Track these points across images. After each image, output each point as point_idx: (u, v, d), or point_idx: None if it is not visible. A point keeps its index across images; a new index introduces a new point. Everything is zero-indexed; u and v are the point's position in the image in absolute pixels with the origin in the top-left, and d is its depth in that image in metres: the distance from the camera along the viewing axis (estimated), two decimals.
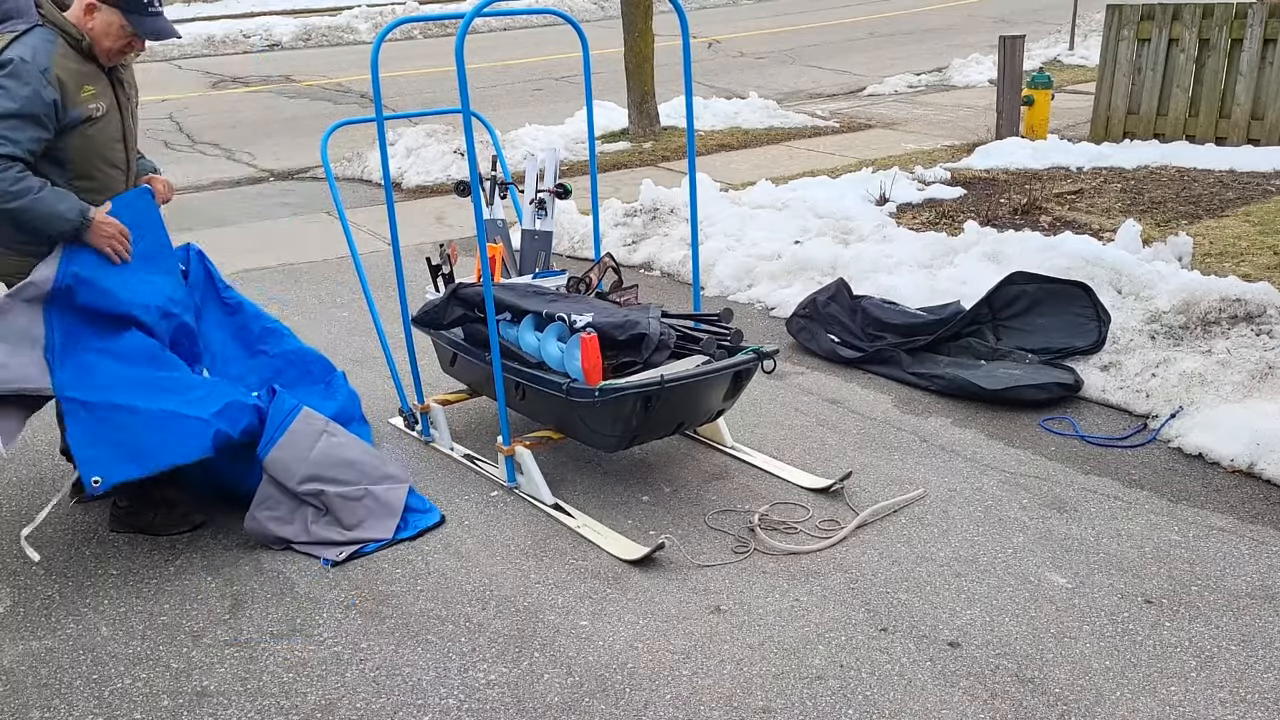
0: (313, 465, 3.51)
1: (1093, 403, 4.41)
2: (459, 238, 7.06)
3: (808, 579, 3.25)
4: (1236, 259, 5.79)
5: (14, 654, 3.03)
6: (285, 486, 3.50)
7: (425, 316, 4.05)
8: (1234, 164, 7.92)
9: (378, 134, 4.09)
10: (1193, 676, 2.77)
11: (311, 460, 3.51)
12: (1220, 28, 8.37)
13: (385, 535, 3.55)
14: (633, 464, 4.03)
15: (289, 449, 3.48)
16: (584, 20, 19.67)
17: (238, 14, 22.30)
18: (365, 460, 3.65)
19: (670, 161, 9.44)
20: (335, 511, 3.53)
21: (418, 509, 3.70)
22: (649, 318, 3.65)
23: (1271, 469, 3.72)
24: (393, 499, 3.63)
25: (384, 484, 3.63)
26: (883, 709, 2.69)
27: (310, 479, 3.50)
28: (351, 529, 3.54)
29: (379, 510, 3.59)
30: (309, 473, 3.50)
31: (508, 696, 2.78)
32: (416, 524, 3.63)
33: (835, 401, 4.56)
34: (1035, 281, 4.85)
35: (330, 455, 3.56)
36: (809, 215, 6.61)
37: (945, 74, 13.94)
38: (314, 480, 3.51)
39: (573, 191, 4.62)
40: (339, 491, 3.53)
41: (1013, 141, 8.81)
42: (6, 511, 3.82)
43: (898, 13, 20.68)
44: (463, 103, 3.44)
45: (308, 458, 3.51)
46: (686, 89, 4.06)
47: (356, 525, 3.54)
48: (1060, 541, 3.41)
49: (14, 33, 3.20)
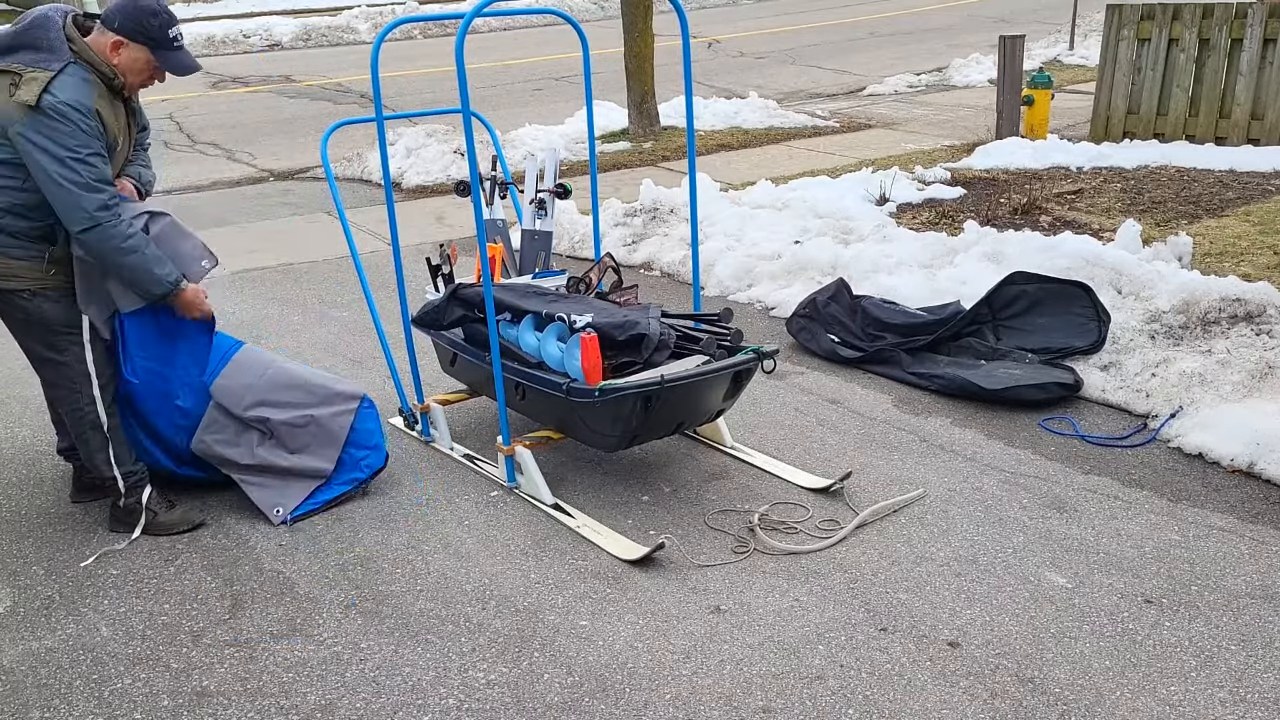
0: (259, 391, 3.66)
1: (1093, 403, 4.41)
2: (459, 238, 7.06)
3: (808, 579, 3.25)
4: (1236, 259, 5.79)
5: (14, 654, 3.03)
6: (232, 413, 3.65)
7: (425, 317, 4.05)
8: (1234, 164, 7.92)
9: (378, 134, 4.09)
10: (1193, 676, 2.77)
11: (258, 387, 3.66)
12: (1220, 27, 8.37)
13: (327, 466, 3.73)
14: (633, 464, 4.03)
15: (234, 377, 3.65)
16: (584, 20, 19.67)
17: (238, 14, 22.30)
18: (314, 381, 3.79)
19: (670, 161, 9.44)
20: (280, 437, 3.69)
21: (363, 444, 3.81)
22: (649, 318, 3.65)
23: (1271, 469, 3.72)
24: (335, 427, 3.76)
25: (331, 406, 3.76)
26: (883, 709, 2.69)
27: (257, 404, 3.66)
28: (295, 453, 3.70)
29: (322, 437, 3.74)
30: (255, 399, 3.66)
31: (508, 696, 2.78)
32: (362, 465, 3.80)
33: (835, 401, 4.56)
34: (1035, 281, 4.85)
35: (277, 380, 3.71)
36: (809, 215, 6.61)
37: (945, 74, 13.94)
38: (260, 405, 3.66)
39: (573, 191, 4.62)
40: (284, 418, 3.69)
41: (1013, 141, 8.81)
42: (6, 511, 3.82)
43: (898, 13, 20.68)
44: (463, 103, 3.44)
45: (254, 384, 3.66)
46: (686, 89, 4.06)
47: (300, 450, 3.71)
48: (1060, 541, 3.41)
49: (48, 70, 3.17)
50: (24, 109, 3.12)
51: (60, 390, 3.51)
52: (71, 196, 3.17)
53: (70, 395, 3.49)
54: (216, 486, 3.88)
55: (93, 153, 3.20)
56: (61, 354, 3.45)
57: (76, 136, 3.16)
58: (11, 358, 5.31)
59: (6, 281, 3.37)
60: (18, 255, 3.35)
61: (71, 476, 3.88)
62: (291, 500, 3.70)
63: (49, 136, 3.14)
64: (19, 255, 3.35)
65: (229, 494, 3.85)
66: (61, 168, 3.15)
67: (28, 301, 3.40)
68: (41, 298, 3.40)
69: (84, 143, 3.17)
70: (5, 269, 3.36)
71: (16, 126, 3.15)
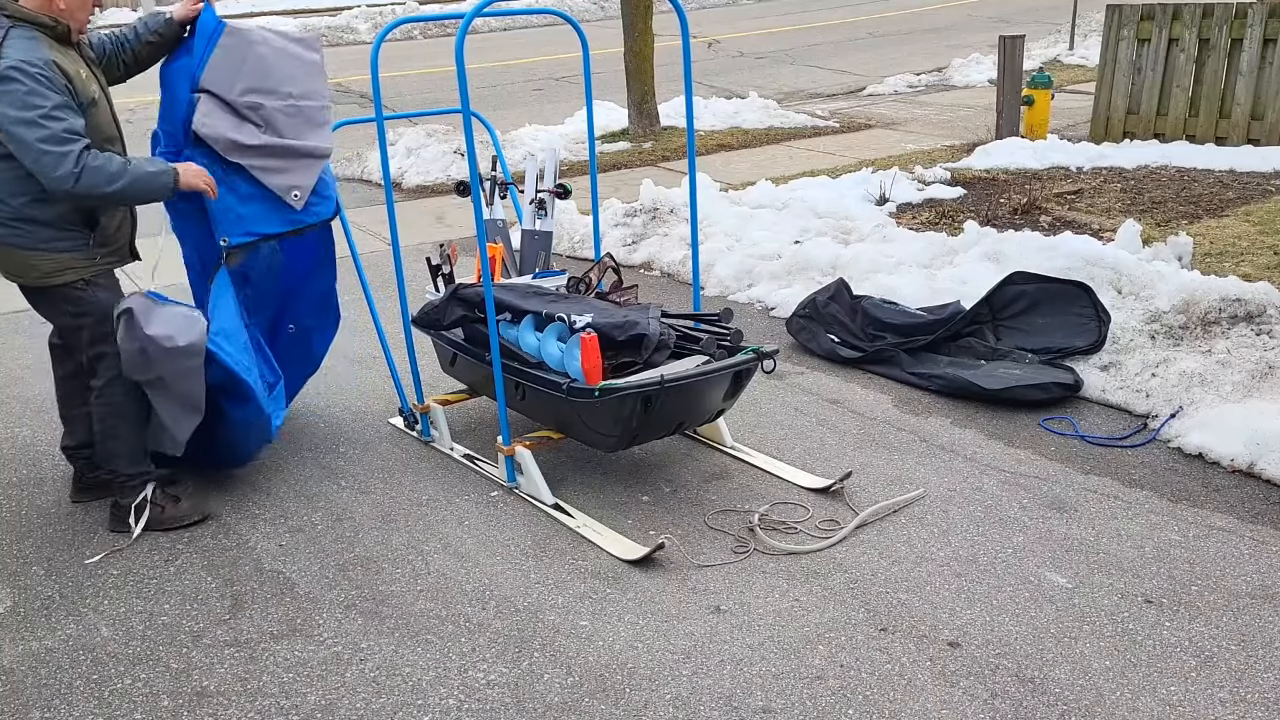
0: (248, 78, 3.67)
1: (1093, 403, 4.41)
2: (459, 238, 7.06)
3: (808, 579, 3.25)
4: (1236, 259, 5.79)
5: (14, 654, 3.03)
6: (225, 100, 3.65)
7: (425, 318, 4.05)
8: (1234, 164, 7.92)
9: (378, 134, 4.09)
10: (1193, 676, 2.77)
11: (246, 72, 3.67)
12: (1220, 28, 8.37)
13: (326, 145, 3.86)
14: (633, 464, 4.03)
15: (221, 66, 3.64)
16: (584, 20, 19.67)
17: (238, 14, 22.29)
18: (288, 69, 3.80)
19: (670, 161, 9.44)
20: (274, 124, 3.73)
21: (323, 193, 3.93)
22: (649, 318, 3.65)
23: (1271, 469, 3.72)
24: (319, 118, 3.85)
25: (311, 100, 3.83)
26: (883, 709, 2.69)
27: (249, 91, 3.67)
28: (295, 139, 3.78)
29: (311, 123, 3.82)
30: (246, 85, 3.66)
31: (508, 696, 2.78)
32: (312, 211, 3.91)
33: (835, 401, 4.56)
34: (1035, 281, 4.85)
35: (258, 67, 3.70)
36: (809, 215, 6.61)
37: (945, 74, 13.94)
38: (252, 93, 3.67)
39: (573, 191, 4.62)
40: (277, 105, 3.72)
41: (1013, 141, 8.81)
42: (6, 512, 3.82)
43: (898, 13, 20.69)
44: (463, 103, 3.44)
45: (240, 70, 3.66)
46: (686, 89, 4.06)
47: (297, 137, 3.79)
48: (1060, 541, 3.41)
49: None
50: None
51: (114, 386, 3.48)
52: (50, 157, 3.12)
53: (113, 389, 3.48)
54: (217, 486, 3.88)
55: (57, 105, 3.15)
56: (114, 344, 3.44)
57: (38, 94, 3.11)
58: (11, 358, 5.31)
59: (61, 276, 3.36)
60: (65, 247, 3.34)
61: (72, 476, 3.88)
62: (305, 180, 3.81)
63: (12, 103, 3.09)
64: (66, 247, 3.34)
65: (230, 494, 3.86)
66: (33, 129, 3.09)
67: (82, 293, 3.40)
68: (95, 286, 3.42)
69: (47, 98, 3.13)
70: (55, 265, 3.36)
71: None
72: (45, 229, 3.31)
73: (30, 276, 3.40)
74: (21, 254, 3.35)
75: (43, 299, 3.48)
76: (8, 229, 3.31)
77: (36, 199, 3.27)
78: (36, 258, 3.35)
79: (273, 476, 4.00)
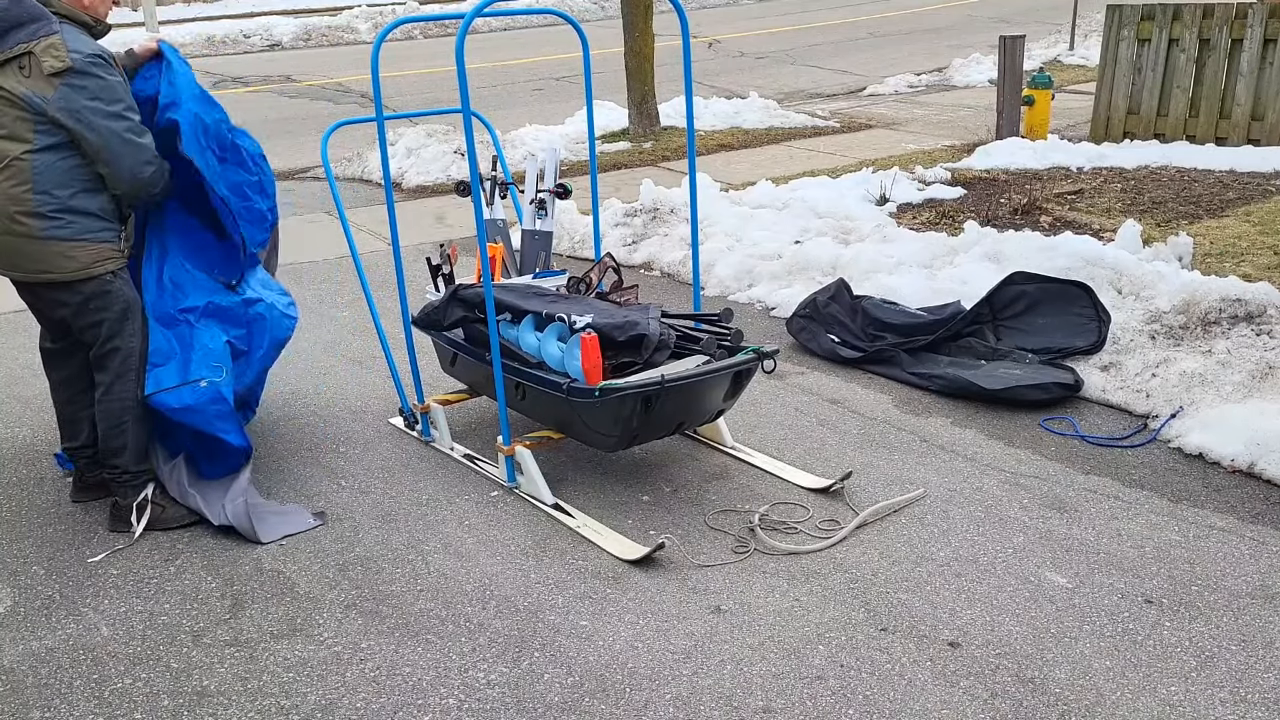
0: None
1: (1093, 403, 4.41)
2: (459, 238, 7.06)
3: (808, 579, 3.25)
4: (1236, 259, 5.80)
5: (14, 654, 3.03)
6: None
7: (425, 318, 4.05)
8: (1234, 164, 7.93)
9: (378, 134, 4.09)
10: (1193, 676, 2.77)
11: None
12: (1220, 28, 8.37)
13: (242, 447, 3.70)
14: (633, 464, 4.03)
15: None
16: (584, 20, 19.68)
17: (238, 14, 22.33)
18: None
19: (670, 161, 9.44)
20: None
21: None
22: (649, 318, 3.65)
23: (1271, 469, 3.72)
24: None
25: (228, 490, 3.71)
26: (883, 709, 2.69)
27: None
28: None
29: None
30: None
31: (508, 696, 2.78)
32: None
33: (835, 401, 4.56)
34: (1035, 281, 4.85)
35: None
36: (809, 215, 6.61)
37: (945, 74, 13.94)
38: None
39: (573, 191, 4.62)
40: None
41: (1013, 141, 8.81)
42: (6, 511, 3.82)
43: (898, 13, 20.69)
44: (463, 103, 3.44)
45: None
46: (687, 89, 4.06)
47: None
48: (1060, 541, 3.41)
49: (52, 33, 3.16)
50: (57, 78, 3.09)
51: (123, 381, 3.48)
52: (134, 148, 3.16)
53: (123, 385, 3.49)
54: None
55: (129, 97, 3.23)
56: (126, 339, 3.45)
57: (114, 88, 3.17)
58: (11, 358, 5.31)
59: (101, 265, 3.37)
60: (105, 237, 3.36)
61: (73, 476, 3.88)
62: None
63: (96, 95, 3.11)
64: (106, 237, 3.36)
65: None
66: (119, 121, 3.13)
67: (111, 283, 3.41)
68: (120, 279, 3.42)
69: (124, 89, 3.20)
70: (94, 255, 3.36)
71: (58, 100, 3.11)
72: (91, 219, 3.32)
73: (66, 269, 3.35)
74: (60, 245, 3.32)
75: (69, 293, 3.41)
76: (49, 221, 3.29)
77: (85, 190, 3.28)
78: (77, 248, 3.33)
79: (273, 476, 4.00)
